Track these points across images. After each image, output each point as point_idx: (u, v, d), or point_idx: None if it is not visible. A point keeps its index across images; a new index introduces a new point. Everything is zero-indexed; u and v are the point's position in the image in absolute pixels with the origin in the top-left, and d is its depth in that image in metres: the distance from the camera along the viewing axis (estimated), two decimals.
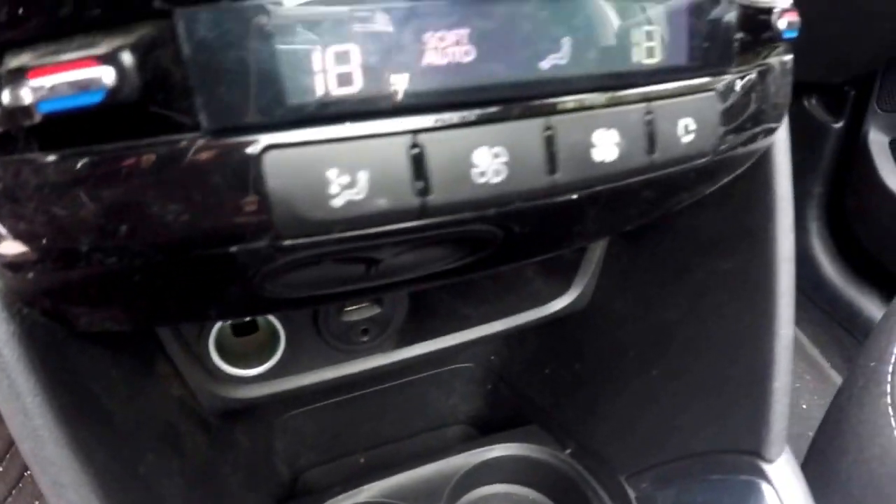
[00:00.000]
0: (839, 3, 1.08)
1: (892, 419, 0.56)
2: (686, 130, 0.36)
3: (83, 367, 0.39)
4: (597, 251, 0.64)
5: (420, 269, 0.37)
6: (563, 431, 0.70)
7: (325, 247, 0.30)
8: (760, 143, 0.45)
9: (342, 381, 0.63)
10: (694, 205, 0.50)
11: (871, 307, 1.34)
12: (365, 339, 0.61)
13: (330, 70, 0.27)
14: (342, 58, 0.27)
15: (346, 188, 0.28)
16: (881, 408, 0.57)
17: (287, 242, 0.29)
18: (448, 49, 0.29)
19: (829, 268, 1.43)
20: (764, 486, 0.53)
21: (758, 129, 0.43)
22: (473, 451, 0.68)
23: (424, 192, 0.30)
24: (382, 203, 0.29)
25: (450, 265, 0.38)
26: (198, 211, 0.28)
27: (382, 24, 0.28)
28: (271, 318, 0.58)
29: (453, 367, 0.78)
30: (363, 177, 0.28)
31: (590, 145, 0.33)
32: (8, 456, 1.06)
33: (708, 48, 0.37)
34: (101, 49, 0.25)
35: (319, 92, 0.27)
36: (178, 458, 0.51)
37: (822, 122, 1.38)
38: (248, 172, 0.27)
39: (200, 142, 0.27)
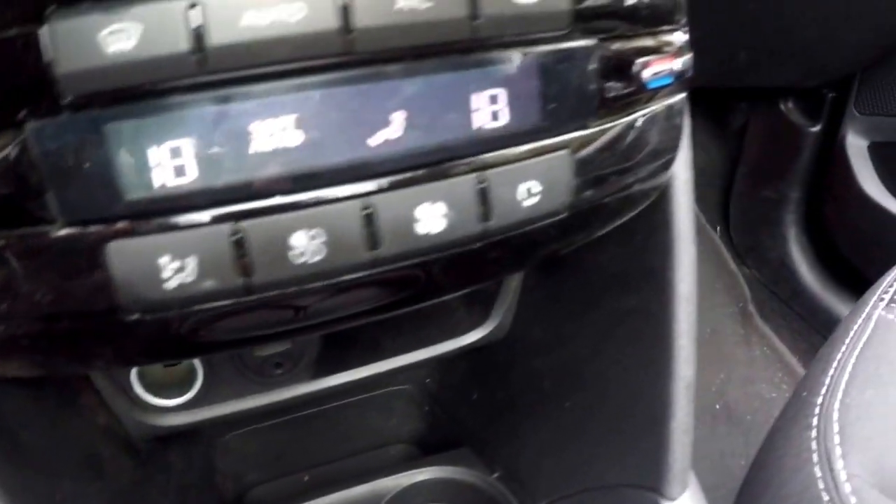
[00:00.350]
0: (815, 7, 1.05)
1: (815, 454, 0.52)
2: (529, 193, 0.35)
3: (5, 405, 0.42)
4: (514, 283, 0.62)
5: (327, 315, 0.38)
6: (492, 455, 0.70)
7: (172, 320, 0.33)
8: (650, 184, 0.43)
9: (262, 409, 0.64)
10: (599, 241, 0.48)
11: None
12: (279, 371, 0.63)
13: (164, 165, 0.30)
14: (175, 152, 0.30)
15: (177, 272, 0.31)
16: (805, 442, 0.53)
17: (135, 318, 0.32)
18: (275, 136, 0.30)
19: (808, 274, 1.38)
20: None
21: (637, 176, 0.41)
22: (405, 474, 0.69)
23: (247, 273, 0.32)
24: (210, 285, 0.31)
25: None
26: (59, 291, 0.31)
27: (211, 118, 0.30)
28: None
29: (391, 389, 0.78)
30: (192, 262, 0.31)
31: (412, 220, 0.33)
32: None
33: (559, 107, 0.35)
34: None
35: (153, 186, 0.30)
36: (99, 481, 0.52)
37: (799, 126, 1.34)
38: (96, 259, 0.30)
39: (56, 233, 0.30)
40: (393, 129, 0.32)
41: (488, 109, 0.33)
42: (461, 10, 0.31)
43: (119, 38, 0.27)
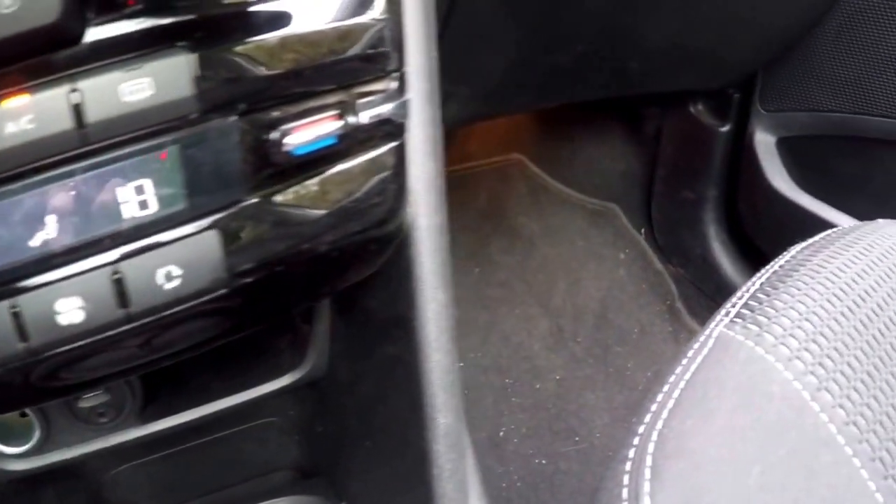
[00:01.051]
0: (708, 10, 1.00)
1: (625, 489, 0.46)
2: (168, 278, 0.35)
3: None
4: (324, 322, 0.59)
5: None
6: (339, 485, 0.69)
7: None
8: (367, 237, 0.40)
9: (102, 452, 0.63)
10: (366, 287, 0.46)
11: None
12: (104, 420, 0.61)
13: None
14: None
15: None
16: (618, 475, 0.47)
17: None
18: None
19: (730, 269, 1.34)
20: None
21: (328, 238, 0.38)
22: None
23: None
24: None
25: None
26: None
27: None
28: None
29: (260, 421, 0.76)
30: None
31: (54, 313, 0.34)
32: None
33: (201, 191, 0.34)
34: None
35: None
36: None
37: (710, 127, 1.29)
38: None
39: None
40: (47, 232, 0.33)
41: (136, 200, 0.33)
42: (65, 123, 0.30)
43: None
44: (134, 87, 0.30)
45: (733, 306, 0.58)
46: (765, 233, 1.25)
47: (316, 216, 0.37)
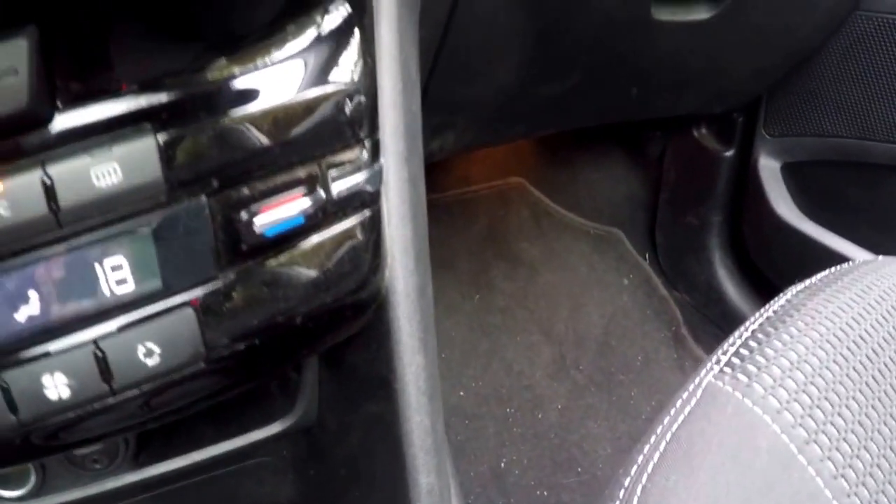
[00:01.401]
0: (710, 35, 1.01)
1: None
2: (148, 354, 0.36)
3: None
4: (311, 372, 0.60)
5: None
6: None
7: None
8: (339, 306, 0.41)
9: (98, 497, 0.63)
10: (348, 347, 0.48)
11: None
12: (98, 466, 0.62)
13: None
14: None
15: None
16: None
17: None
18: None
19: (735, 296, 1.34)
20: None
21: (304, 308, 0.39)
22: None
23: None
24: None
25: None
26: None
27: None
28: None
29: (255, 461, 0.77)
30: None
31: (42, 387, 0.35)
32: None
33: (175, 270, 0.35)
34: None
35: None
36: None
37: (714, 151, 1.29)
38: None
39: None
40: (31, 307, 0.33)
41: (114, 277, 0.34)
42: (40, 208, 0.31)
43: None
44: (103, 172, 0.31)
45: (724, 353, 0.59)
46: (770, 260, 1.25)
47: (289, 289, 0.38)
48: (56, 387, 0.34)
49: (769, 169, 1.22)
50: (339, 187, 0.36)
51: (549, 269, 1.44)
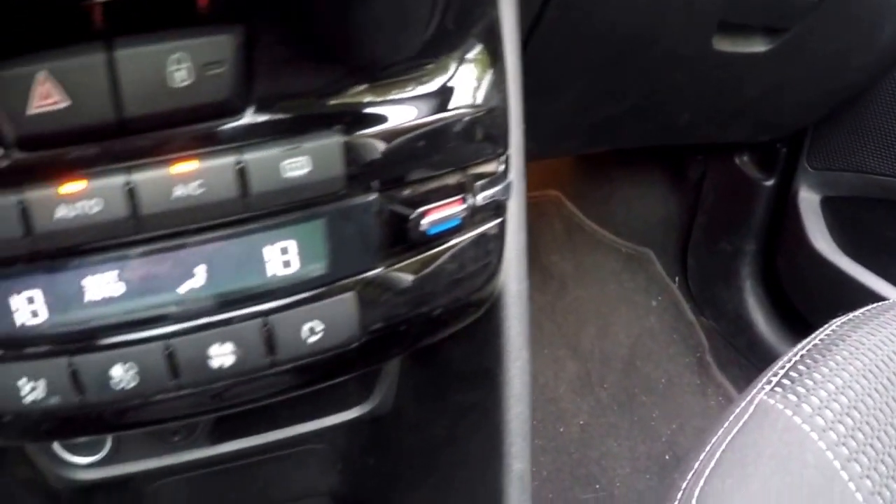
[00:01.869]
0: (762, 68, 1.08)
1: None
2: (312, 332, 0.42)
3: None
4: (394, 364, 0.67)
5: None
6: None
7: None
8: (468, 301, 0.48)
9: (167, 469, 0.70)
10: (449, 341, 0.52)
11: None
12: (176, 438, 0.68)
13: (22, 310, 0.38)
14: (30, 300, 0.38)
15: (31, 391, 0.39)
16: None
17: (8, 419, 0.41)
18: (101, 288, 0.38)
19: (764, 326, 1.40)
20: None
21: (442, 300, 0.46)
22: None
23: (81, 392, 0.40)
24: (55, 401, 0.40)
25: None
26: None
27: (52, 279, 0.38)
28: None
29: (307, 447, 0.83)
30: (41, 384, 0.39)
31: (207, 357, 0.40)
32: None
33: (342, 255, 0.41)
34: None
35: (14, 324, 0.38)
36: None
37: (754, 180, 1.35)
38: None
39: None
40: (196, 280, 0.39)
41: (280, 259, 0.40)
42: (232, 191, 0.37)
43: None
44: (293, 164, 0.37)
45: (775, 375, 0.65)
46: (803, 293, 1.31)
47: (434, 282, 0.44)
48: (221, 356, 0.40)
49: (809, 201, 1.28)
50: (482, 197, 0.43)
51: (579, 284, 1.50)
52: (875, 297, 1.11)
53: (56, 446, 0.65)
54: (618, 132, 1.16)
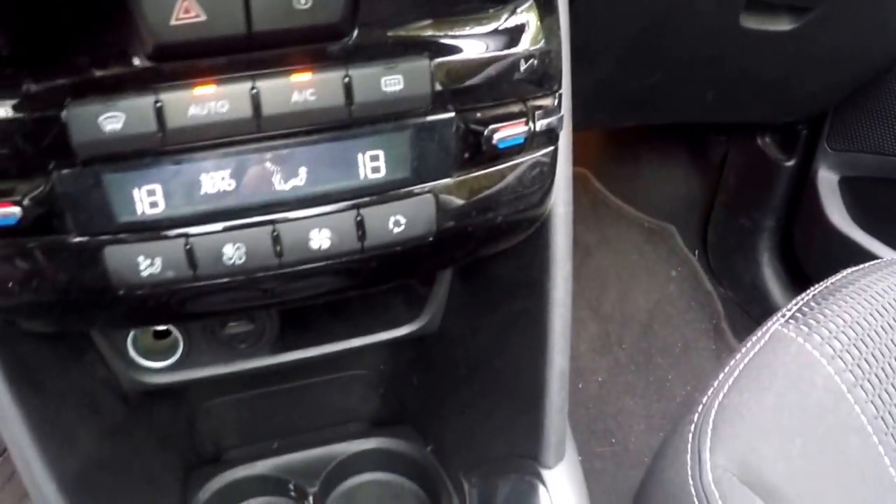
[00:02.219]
0: (790, 47, 1.12)
1: (689, 445, 0.58)
2: (396, 224, 0.48)
3: (29, 355, 0.56)
4: (443, 285, 0.73)
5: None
6: (427, 432, 0.82)
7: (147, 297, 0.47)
8: (523, 216, 0.54)
9: (229, 376, 0.75)
10: (499, 256, 0.60)
11: None
12: (243, 345, 0.74)
13: (143, 201, 0.44)
14: (150, 192, 0.44)
15: (149, 266, 0.45)
16: (684, 435, 0.59)
17: (121, 293, 0.46)
18: (216, 184, 0.44)
19: (779, 297, 1.45)
20: (540, 486, 0.63)
21: (503, 212, 0.52)
22: (353, 442, 0.82)
23: (194, 268, 0.46)
24: (170, 274, 0.46)
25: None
26: (72, 275, 0.45)
27: (174, 172, 0.44)
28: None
29: (350, 373, 0.88)
30: (158, 260, 0.45)
31: (308, 239, 0.47)
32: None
33: (424, 164, 0.48)
34: (15, 196, 0.42)
35: (136, 213, 0.44)
36: (94, 415, 0.66)
37: (775, 160, 1.39)
38: (98, 256, 0.45)
39: (71, 240, 0.44)
40: (299, 179, 0.46)
41: (370, 165, 0.46)
42: (339, 100, 0.44)
43: (112, 122, 0.41)
44: (390, 81, 0.43)
45: (788, 310, 0.70)
46: (817, 264, 1.35)
47: (498, 193, 0.51)
48: (320, 239, 0.46)
49: (828, 181, 1.31)
50: (540, 124, 0.49)
51: (602, 253, 1.56)
52: None
53: (132, 352, 0.72)
54: (645, 108, 1.21)
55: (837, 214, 1.29)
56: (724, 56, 1.09)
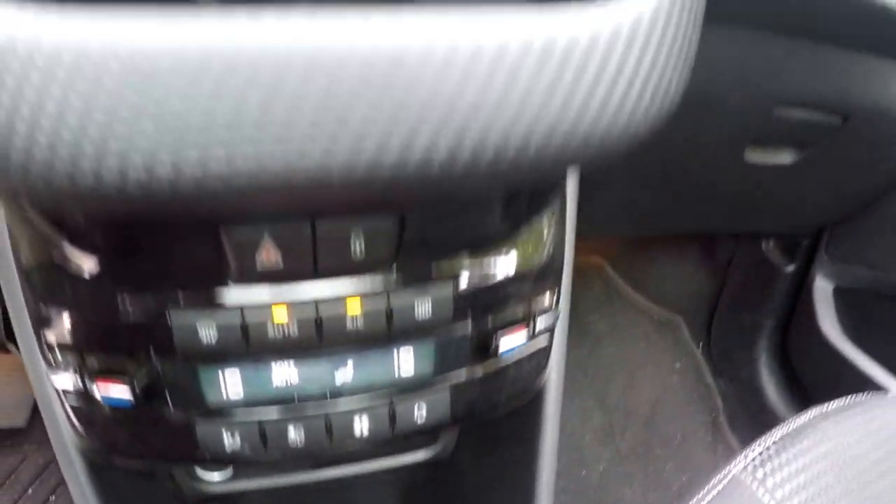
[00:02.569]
0: (793, 177, 1.19)
1: None
2: (418, 411, 0.58)
3: (117, 479, 0.66)
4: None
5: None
6: None
7: None
8: (520, 391, 0.64)
9: (269, 489, 0.84)
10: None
11: None
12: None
13: (227, 387, 0.54)
14: (234, 383, 0.55)
15: (230, 441, 0.55)
16: None
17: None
18: (284, 378, 0.55)
19: (774, 396, 1.51)
20: None
21: (504, 392, 0.62)
22: None
23: (265, 444, 0.56)
24: (246, 449, 0.56)
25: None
26: (171, 441, 0.56)
27: (251, 367, 0.54)
28: None
29: (376, 477, 0.98)
30: (237, 436, 0.55)
31: (352, 424, 0.57)
32: (38, 480, 1.29)
33: (443, 364, 0.57)
34: (125, 376, 0.51)
35: (222, 397, 0.54)
36: None
37: (777, 265, 1.46)
38: (191, 429, 0.56)
39: (168, 415, 0.54)
40: (347, 376, 0.55)
41: (403, 367, 0.55)
42: (381, 325, 0.52)
43: (207, 335, 0.49)
44: (421, 308, 0.52)
45: (752, 451, 0.79)
46: (808, 370, 1.42)
47: (503, 379, 0.60)
48: (361, 426, 0.56)
49: (823, 289, 1.38)
50: (540, 324, 0.59)
51: (612, 342, 1.64)
52: (871, 383, 1.23)
53: (197, 468, 0.81)
54: (659, 221, 1.29)
55: (830, 325, 1.35)
56: (729, 183, 1.16)
